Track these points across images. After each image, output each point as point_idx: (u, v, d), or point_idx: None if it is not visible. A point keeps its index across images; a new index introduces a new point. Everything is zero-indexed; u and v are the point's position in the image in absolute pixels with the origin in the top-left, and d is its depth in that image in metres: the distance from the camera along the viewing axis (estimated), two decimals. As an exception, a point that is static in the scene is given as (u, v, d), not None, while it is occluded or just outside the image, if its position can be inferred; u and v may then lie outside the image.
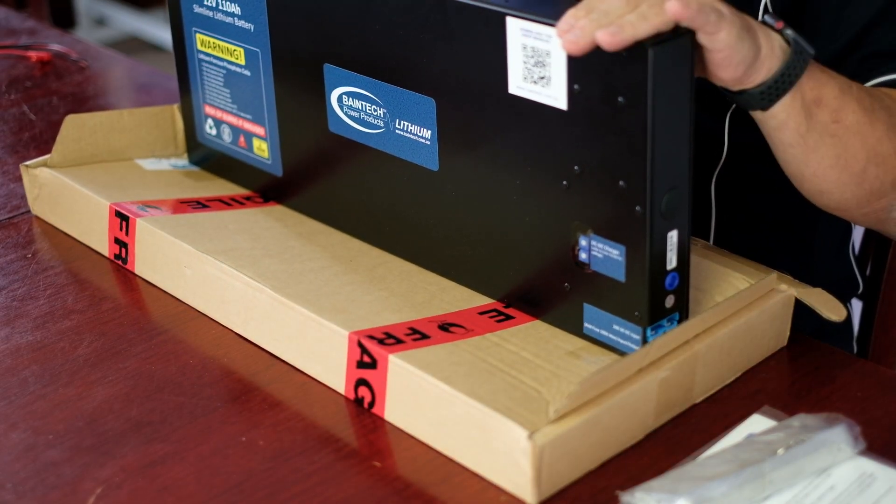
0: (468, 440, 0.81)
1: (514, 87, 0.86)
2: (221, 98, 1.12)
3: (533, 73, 0.84)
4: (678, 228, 0.84)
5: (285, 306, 0.92)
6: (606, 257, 0.85)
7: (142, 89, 1.56)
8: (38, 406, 0.89)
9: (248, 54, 1.07)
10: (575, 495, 0.79)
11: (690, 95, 0.81)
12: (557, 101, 0.83)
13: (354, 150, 1.00)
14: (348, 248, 1.04)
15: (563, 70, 0.82)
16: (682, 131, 0.82)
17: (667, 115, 0.80)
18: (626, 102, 0.79)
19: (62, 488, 0.81)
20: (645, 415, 0.84)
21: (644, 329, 0.85)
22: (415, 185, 0.96)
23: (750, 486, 0.77)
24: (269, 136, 1.09)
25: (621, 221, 0.83)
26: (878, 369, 0.93)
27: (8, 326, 0.99)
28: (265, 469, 0.82)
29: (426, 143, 0.94)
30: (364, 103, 0.97)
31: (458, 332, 0.90)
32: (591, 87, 0.81)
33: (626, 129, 0.80)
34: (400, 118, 0.95)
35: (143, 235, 1.04)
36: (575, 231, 0.86)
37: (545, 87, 0.83)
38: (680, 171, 0.83)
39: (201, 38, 1.11)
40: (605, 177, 0.82)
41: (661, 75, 0.78)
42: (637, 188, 0.81)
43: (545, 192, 0.87)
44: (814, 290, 0.94)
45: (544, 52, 0.82)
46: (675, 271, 0.85)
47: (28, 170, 1.15)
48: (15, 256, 1.10)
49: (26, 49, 1.60)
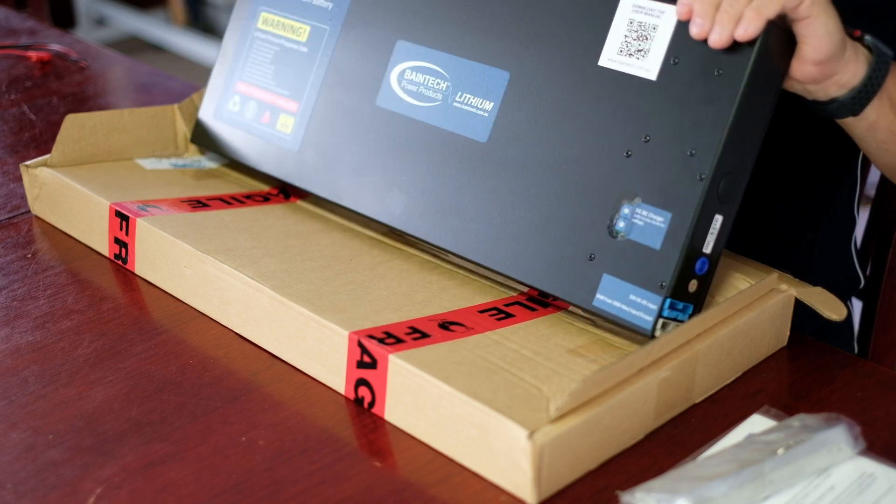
0: (468, 440, 0.81)
1: (605, 60, 0.90)
2: (261, 75, 1.14)
3: (632, 46, 0.89)
4: (724, 216, 0.87)
5: (285, 306, 0.92)
6: (648, 224, 0.87)
7: (142, 89, 1.56)
8: (38, 406, 0.89)
9: (314, 32, 1.10)
10: (575, 495, 0.79)
11: (778, 89, 0.87)
12: (649, 73, 0.88)
13: (397, 124, 1.02)
14: (348, 247, 1.04)
15: (665, 43, 0.87)
16: (759, 123, 0.87)
17: (755, 98, 0.85)
18: (724, 72, 0.84)
19: (62, 488, 0.81)
20: (645, 415, 0.84)
21: (664, 300, 0.85)
22: (457, 156, 0.98)
23: (750, 486, 0.77)
24: (300, 111, 1.10)
25: (677, 188, 0.86)
26: (878, 369, 0.93)
27: (8, 326, 0.99)
28: (265, 469, 0.82)
29: (483, 115, 0.97)
30: (428, 77, 1.01)
31: (458, 331, 0.90)
32: (691, 60, 0.86)
33: (717, 98, 0.84)
34: (463, 91, 0.98)
35: (144, 235, 1.04)
36: (620, 199, 0.88)
37: (640, 60, 0.88)
38: (745, 159, 0.87)
39: (265, 17, 1.15)
40: (676, 145, 0.86)
41: (764, 53, 0.84)
42: (706, 157, 0.84)
43: (602, 162, 0.90)
44: (814, 290, 0.94)
45: (651, 26, 0.88)
46: (707, 257, 0.87)
47: (28, 170, 1.15)
48: (15, 256, 1.10)
49: (26, 49, 1.60)
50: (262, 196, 1.15)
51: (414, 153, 1.01)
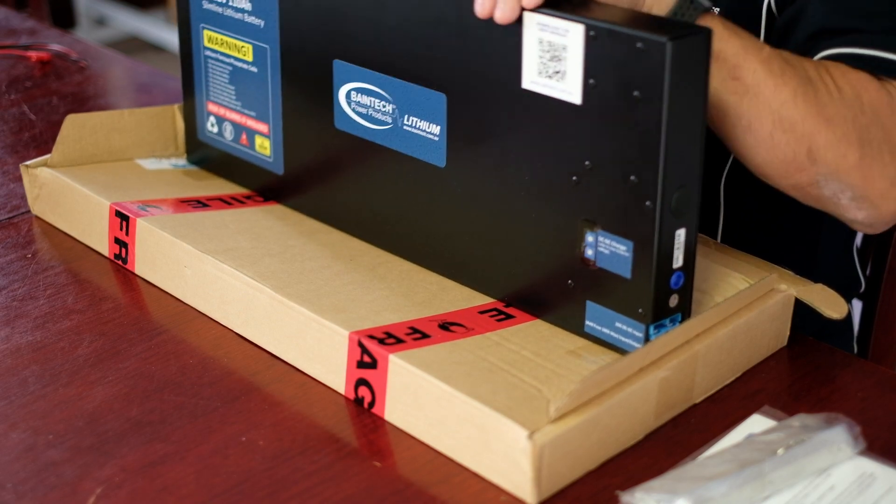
0: (468, 440, 0.81)
1: (527, 82, 0.86)
2: (225, 95, 1.12)
3: (548, 67, 0.84)
4: (686, 227, 0.84)
5: (285, 306, 0.92)
6: (613, 253, 0.85)
7: (142, 89, 1.56)
8: (38, 406, 0.89)
9: (257, 51, 1.07)
10: (575, 495, 0.79)
11: (705, 95, 0.82)
12: (572, 96, 0.84)
13: (360, 148, 1.00)
14: (348, 247, 1.04)
15: (579, 64, 0.83)
16: (695, 129, 0.83)
17: (681, 111, 0.80)
18: (642, 96, 0.80)
19: (62, 488, 0.81)
20: (645, 415, 0.84)
21: (647, 327, 0.85)
22: (421, 181, 0.97)
23: (750, 486, 0.77)
24: (272, 133, 1.09)
25: (630, 217, 0.83)
26: (878, 369, 0.93)
27: (8, 326, 0.99)
28: (265, 469, 0.82)
29: (434, 140, 0.94)
30: (373, 99, 0.98)
31: (458, 332, 0.90)
32: (606, 82, 0.81)
33: (641, 122, 0.80)
34: (409, 114, 0.95)
35: (144, 235, 1.04)
36: (582, 227, 0.86)
37: (560, 82, 0.84)
38: (691, 170, 0.83)
39: (209, 35, 1.12)
40: (617, 172, 0.83)
41: (678, 69, 0.79)
42: (648, 183, 0.81)
43: (554, 187, 0.87)
44: (815, 287, 0.94)
45: (561, 46, 0.83)
46: (680, 270, 0.85)
47: (28, 170, 1.15)
48: (15, 256, 1.10)
49: (26, 49, 1.60)
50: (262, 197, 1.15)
51: (380, 176, 1.00)
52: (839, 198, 0.94)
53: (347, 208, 1.05)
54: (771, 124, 0.91)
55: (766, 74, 0.90)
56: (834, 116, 0.91)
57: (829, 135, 0.91)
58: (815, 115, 0.91)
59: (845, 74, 0.93)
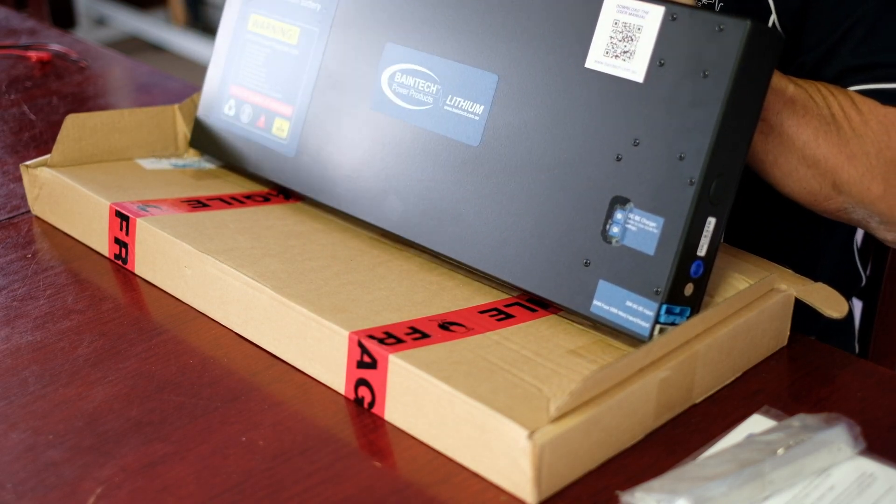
0: (468, 440, 0.81)
1: (591, 62, 0.89)
2: (254, 78, 1.14)
3: (617, 47, 0.87)
4: (717, 217, 0.86)
5: (285, 306, 0.92)
6: (641, 230, 0.86)
7: (142, 89, 1.56)
8: (38, 406, 0.89)
9: (304, 33, 1.10)
10: (575, 495, 0.79)
11: (766, 87, 0.86)
12: (635, 75, 0.87)
13: (390, 128, 1.02)
14: (349, 247, 1.04)
15: (650, 45, 0.86)
16: (749, 120, 0.86)
17: (743, 95, 0.84)
18: (710, 75, 0.83)
19: (62, 488, 0.81)
20: (645, 415, 0.84)
21: (659, 307, 0.85)
22: (450, 160, 0.98)
23: (750, 486, 0.77)
24: (294, 115, 1.10)
25: (669, 193, 0.85)
26: (878, 369, 0.93)
27: (8, 326, 0.99)
28: (265, 469, 0.82)
29: (474, 119, 0.96)
30: (417, 80, 1.00)
31: (458, 331, 0.90)
32: (677, 62, 0.85)
33: (704, 101, 0.83)
34: (453, 94, 0.98)
35: (144, 235, 1.04)
36: (613, 205, 0.88)
37: (626, 62, 0.87)
38: (734, 162, 0.86)
39: (255, 19, 1.15)
40: (665, 149, 0.85)
41: (750, 53, 0.82)
42: (695, 161, 0.84)
43: (593, 166, 0.89)
44: (815, 286, 0.94)
45: (636, 27, 0.86)
46: (701, 260, 0.86)
47: (28, 170, 1.15)
48: (15, 256, 1.10)
49: (26, 49, 1.60)
50: (262, 196, 1.15)
51: (408, 157, 1.01)
52: (868, 221, 0.99)
53: (361, 192, 1.04)
54: (795, 161, 0.95)
55: (788, 115, 0.94)
56: (857, 153, 0.95)
57: (853, 171, 0.95)
58: (836, 154, 0.95)
59: (873, 110, 0.96)
